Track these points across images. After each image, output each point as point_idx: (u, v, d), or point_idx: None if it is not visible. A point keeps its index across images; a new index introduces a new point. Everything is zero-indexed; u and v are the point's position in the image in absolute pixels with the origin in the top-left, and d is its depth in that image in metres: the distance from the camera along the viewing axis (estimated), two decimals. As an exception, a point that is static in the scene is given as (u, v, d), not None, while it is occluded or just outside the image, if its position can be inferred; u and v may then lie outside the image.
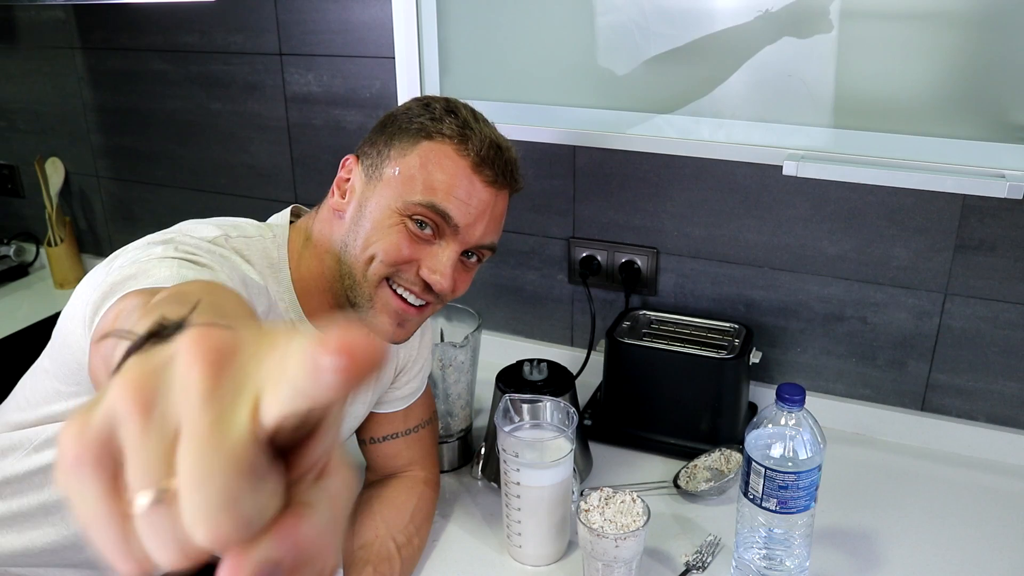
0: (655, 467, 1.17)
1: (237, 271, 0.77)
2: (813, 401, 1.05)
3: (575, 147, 1.31)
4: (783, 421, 0.88)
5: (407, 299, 0.85)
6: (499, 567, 0.99)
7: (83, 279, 0.78)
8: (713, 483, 1.09)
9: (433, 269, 0.83)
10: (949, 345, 1.19)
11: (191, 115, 1.63)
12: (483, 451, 1.15)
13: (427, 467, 1.08)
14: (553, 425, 0.98)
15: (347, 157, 0.89)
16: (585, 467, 1.15)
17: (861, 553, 1.00)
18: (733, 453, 1.13)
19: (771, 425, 0.89)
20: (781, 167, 1.12)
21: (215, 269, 0.71)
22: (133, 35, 1.62)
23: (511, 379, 1.10)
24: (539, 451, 0.95)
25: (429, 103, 0.86)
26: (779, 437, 0.88)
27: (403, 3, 1.30)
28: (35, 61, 1.78)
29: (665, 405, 1.20)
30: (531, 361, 1.11)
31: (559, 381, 1.10)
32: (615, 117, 1.23)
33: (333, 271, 0.86)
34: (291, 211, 0.92)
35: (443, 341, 1.20)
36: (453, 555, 1.01)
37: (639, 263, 1.33)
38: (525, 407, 0.99)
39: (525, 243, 1.41)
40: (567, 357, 1.42)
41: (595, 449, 1.19)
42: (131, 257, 0.70)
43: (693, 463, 1.14)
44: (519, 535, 0.97)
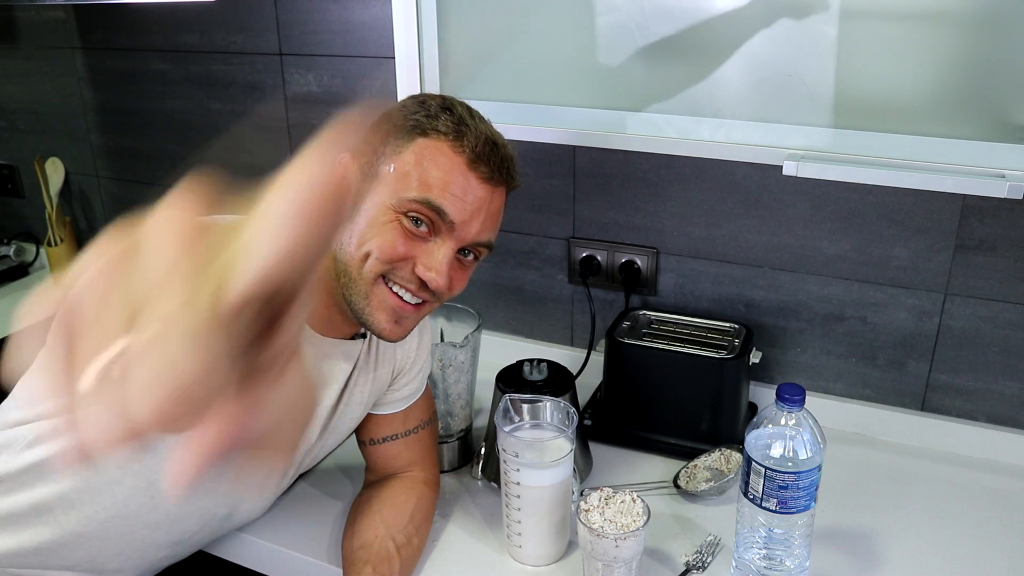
0: (655, 467, 1.17)
1: None
2: (813, 401, 1.05)
3: (575, 147, 1.31)
4: (783, 421, 0.88)
5: (403, 297, 0.85)
6: (499, 567, 0.99)
7: None
8: (713, 483, 1.09)
9: (428, 266, 0.83)
10: (949, 345, 1.19)
11: (191, 115, 1.63)
12: (483, 451, 1.15)
13: (427, 467, 1.08)
14: (553, 425, 0.98)
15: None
16: (585, 467, 1.15)
17: (861, 553, 1.00)
18: (733, 453, 1.13)
19: (771, 425, 0.89)
20: (781, 167, 1.12)
21: None
22: (133, 35, 1.62)
23: (511, 379, 1.10)
24: (539, 451, 0.95)
25: (424, 100, 0.86)
26: (779, 437, 0.88)
27: (403, 3, 1.30)
28: (35, 61, 1.78)
29: (665, 405, 1.20)
30: (531, 361, 1.11)
31: (559, 381, 1.10)
32: (615, 117, 1.23)
33: (329, 269, 0.86)
34: None
35: (443, 341, 1.20)
36: (453, 555, 1.01)
37: (639, 263, 1.33)
38: (525, 407, 0.99)
39: (525, 243, 1.41)
40: (567, 357, 1.41)
41: (595, 449, 1.19)
42: None
43: (693, 463, 1.14)
44: (519, 535, 0.97)
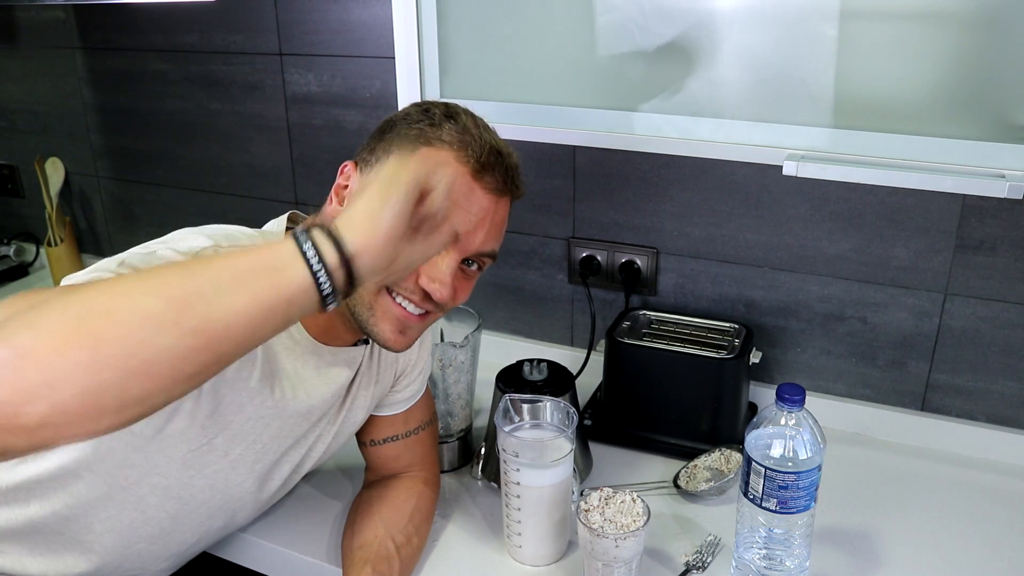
0: (655, 467, 1.17)
1: None
2: (813, 401, 1.05)
3: (575, 147, 1.31)
4: (783, 421, 0.88)
5: (407, 308, 0.84)
6: (499, 567, 0.99)
7: None
8: (713, 483, 1.10)
9: (432, 278, 0.82)
10: (949, 345, 1.19)
11: (191, 115, 1.63)
12: (483, 451, 1.15)
13: (427, 468, 1.08)
14: (553, 425, 0.98)
15: (345, 164, 0.87)
16: (585, 467, 1.15)
17: (861, 553, 1.00)
18: (733, 453, 1.13)
19: (771, 425, 0.89)
20: (781, 167, 1.12)
21: None
22: (133, 35, 1.62)
23: (511, 379, 1.10)
24: (539, 451, 0.95)
25: (428, 108, 0.85)
26: (779, 437, 0.88)
27: (403, 3, 1.30)
28: (35, 61, 1.78)
29: (665, 405, 1.20)
30: (531, 361, 1.11)
31: (559, 381, 1.10)
32: (615, 117, 1.23)
33: None
34: (288, 217, 0.91)
35: (443, 341, 1.20)
36: (453, 555, 1.01)
37: (639, 263, 1.33)
38: (525, 407, 0.99)
39: (525, 243, 1.41)
40: (567, 357, 1.42)
41: (595, 449, 1.19)
42: (96, 266, 0.73)
43: (693, 463, 1.14)
44: (519, 535, 0.97)
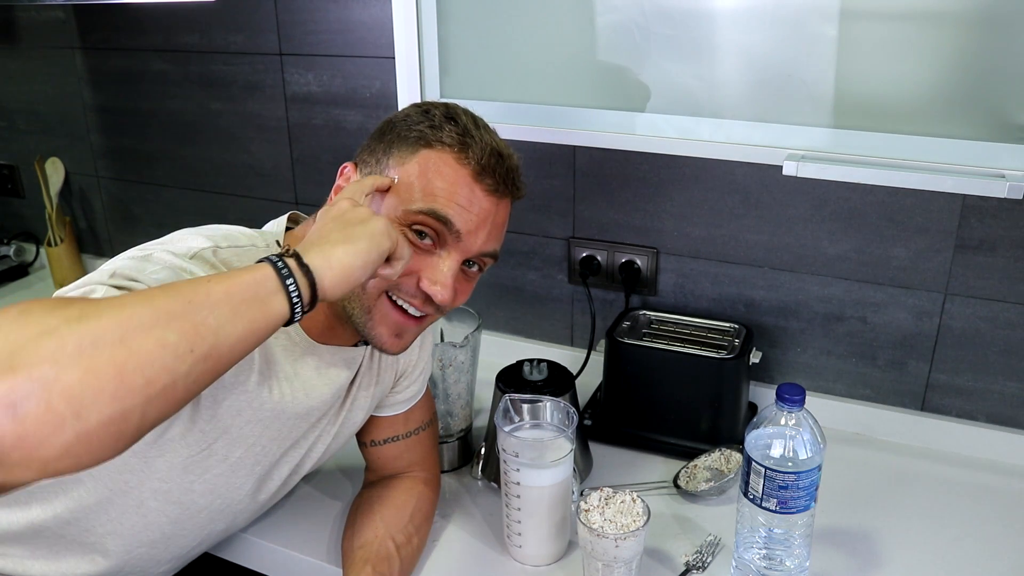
0: (655, 467, 1.17)
1: None
2: (813, 401, 1.05)
3: (575, 147, 1.31)
4: (783, 421, 0.88)
5: (407, 310, 0.84)
6: (499, 567, 0.99)
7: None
8: (713, 483, 1.10)
9: (433, 280, 0.82)
10: (949, 345, 1.19)
11: (191, 115, 1.63)
12: (483, 451, 1.15)
13: (427, 468, 1.08)
14: (553, 425, 0.98)
15: (345, 165, 0.87)
16: (585, 467, 1.15)
17: (861, 553, 1.00)
18: (733, 453, 1.13)
19: (771, 425, 0.89)
20: (781, 167, 1.12)
21: None
22: (133, 35, 1.62)
23: (511, 379, 1.10)
24: (539, 451, 0.95)
25: (428, 110, 0.84)
26: (779, 437, 0.88)
27: (403, 3, 1.30)
28: (35, 61, 1.78)
29: (665, 405, 1.20)
30: (531, 361, 1.11)
31: (559, 381, 1.10)
32: (615, 117, 1.23)
33: None
34: (288, 218, 0.91)
35: (443, 341, 1.20)
36: (453, 555, 1.01)
37: (639, 263, 1.33)
38: (525, 407, 0.99)
39: (525, 243, 1.41)
40: (567, 357, 1.42)
41: (595, 449, 1.19)
42: (87, 279, 0.74)
43: (693, 463, 1.14)
44: (519, 535, 0.97)
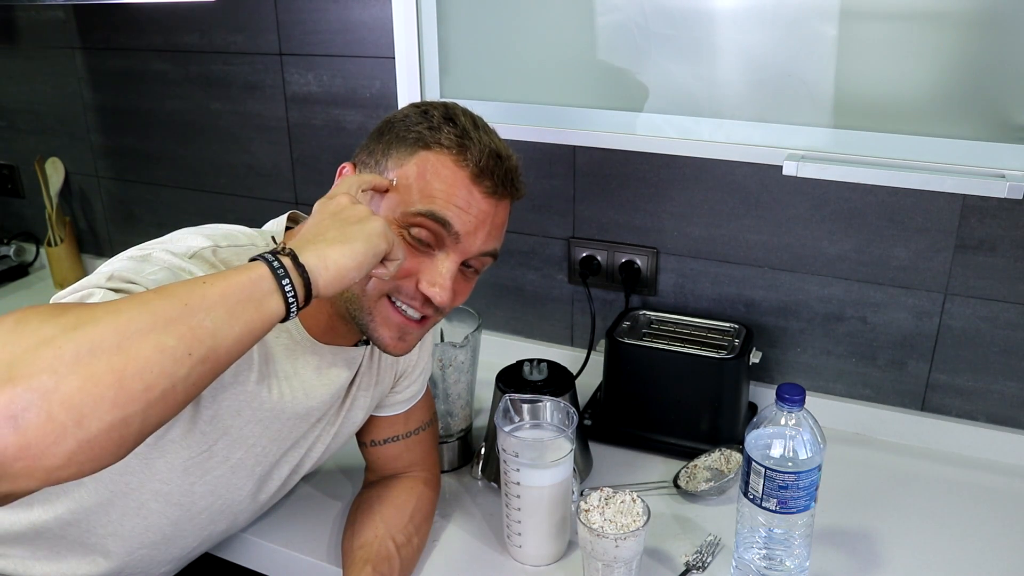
0: (655, 467, 1.17)
1: None
2: (813, 401, 1.05)
3: (575, 147, 1.31)
4: (783, 421, 0.88)
5: (407, 313, 0.84)
6: (499, 567, 0.99)
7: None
8: (713, 483, 1.10)
9: (432, 282, 0.81)
10: (949, 345, 1.19)
11: (191, 115, 1.63)
12: (483, 451, 1.15)
13: (427, 468, 1.08)
14: (553, 425, 0.98)
15: (344, 165, 0.87)
16: (585, 467, 1.15)
17: (861, 553, 1.00)
18: (733, 453, 1.13)
19: (771, 425, 0.89)
20: (781, 167, 1.12)
21: None
22: (133, 35, 1.62)
23: (511, 379, 1.10)
24: (539, 451, 0.95)
25: (427, 110, 0.84)
26: (779, 437, 0.88)
27: (403, 3, 1.30)
28: (35, 61, 1.78)
29: (665, 405, 1.20)
30: (531, 361, 1.11)
31: (559, 381, 1.10)
32: (615, 117, 1.23)
33: None
34: (288, 217, 0.91)
35: (443, 341, 1.20)
36: (453, 555, 1.01)
37: (639, 263, 1.33)
38: (525, 407, 0.99)
39: (525, 243, 1.41)
40: (567, 357, 1.42)
41: (595, 449, 1.19)
42: (84, 282, 0.73)
43: (693, 463, 1.14)
44: (519, 535, 0.97)
